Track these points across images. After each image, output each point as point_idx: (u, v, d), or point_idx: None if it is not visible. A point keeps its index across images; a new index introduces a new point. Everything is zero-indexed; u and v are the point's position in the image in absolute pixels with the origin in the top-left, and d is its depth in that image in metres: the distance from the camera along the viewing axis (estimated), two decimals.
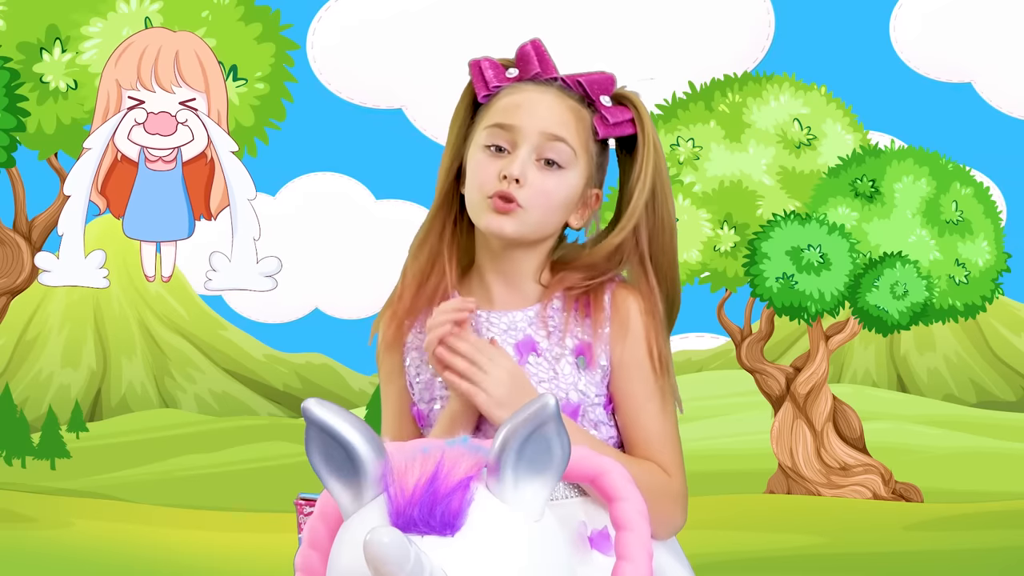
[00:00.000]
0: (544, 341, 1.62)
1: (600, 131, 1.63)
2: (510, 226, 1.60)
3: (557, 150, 1.60)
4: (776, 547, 6.24)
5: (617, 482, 1.34)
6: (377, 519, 1.20)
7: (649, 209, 1.64)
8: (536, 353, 1.61)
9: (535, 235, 1.63)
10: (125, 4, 6.87)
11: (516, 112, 1.61)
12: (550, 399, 1.21)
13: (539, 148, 1.60)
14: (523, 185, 1.59)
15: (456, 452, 1.22)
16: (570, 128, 1.61)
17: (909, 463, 8.57)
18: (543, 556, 1.23)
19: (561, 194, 1.61)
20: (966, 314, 7.74)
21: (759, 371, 8.22)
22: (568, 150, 1.60)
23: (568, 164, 1.61)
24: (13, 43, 6.78)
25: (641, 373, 1.60)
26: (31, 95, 6.77)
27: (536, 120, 1.60)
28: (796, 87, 7.94)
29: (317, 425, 1.23)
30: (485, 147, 1.62)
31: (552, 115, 1.61)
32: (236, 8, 6.93)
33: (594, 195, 1.66)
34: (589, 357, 1.60)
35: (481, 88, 1.65)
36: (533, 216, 1.60)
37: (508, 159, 1.60)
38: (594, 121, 1.64)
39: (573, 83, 1.65)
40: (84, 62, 6.92)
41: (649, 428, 1.59)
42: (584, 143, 1.63)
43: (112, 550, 5.75)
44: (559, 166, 1.60)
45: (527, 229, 1.61)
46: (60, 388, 10.21)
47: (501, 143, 1.61)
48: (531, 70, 1.64)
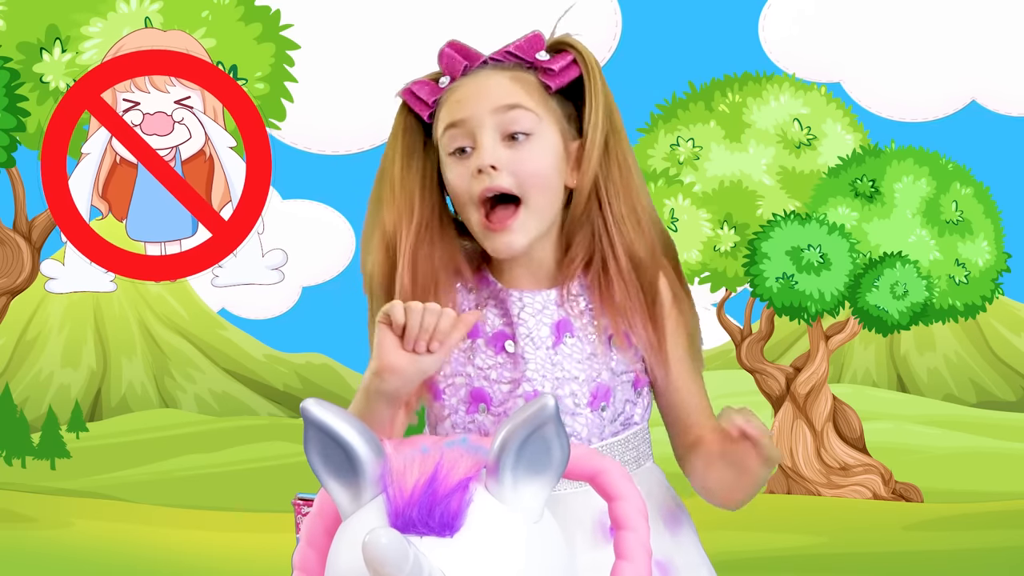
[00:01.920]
0: (577, 321, 1.55)
1: (551, 84, 1.54)
2: (517, 240, 1.52)
3: (518, 118, 1.51)
4: (776, 547, 6.24)
5: (616, 481, 1.34)
6: (376, 520, 1.20)
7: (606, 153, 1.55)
8: (571, 334, 1.55)
9: (546, 223, 1.54)
10: (125, 4, 6.87)
11: (460, 105, 1.53)
12: (549, 399, 1.21)
13: (499, 126, 1.51)
14: (500, 170, 1.50)
15: (455, 453, 1.22)
16: (520, 93, 1.52)
17: (909, 463, 8.57)
18: (542, 557, 1.23)
19: (543, 162, 1.52)
20: (966, 314, 7.74)
21: (759, 371, 8.22)
22: (529, 114, 1.51)
23: (534, 128, 1.52)
24: (13, 43, 6.78)
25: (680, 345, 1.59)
26: (31, 95, 6.77)
27: (483, 102, 1.51)
28: (796, 87, 7.94)
29: (316, 425, 1.23)
30: (450, 155, 1.54)
31: (496, 89, 1.52)
32: (236, 8, 6.93)
33: (577, 146, 1.55)
34: (620, 336, 1.55)
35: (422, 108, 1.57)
36: (535, 203, 1.52)
37: (474, 153, 1.51)
38: (540, 79, 1.55)
39: (503, 55, 1.56)
40: (84, 62, 6.92)
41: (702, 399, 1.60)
42: (541, 101, 1.53)
43: (112, 550, 5.75)
44: (526, 134, 1.51)
45: (535, 224, 1.53)
46: (60, 388, 10.22)
47: (461, 143, 1.53)
48: (458, 67, 1.55)
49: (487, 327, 1.56)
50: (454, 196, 1.55)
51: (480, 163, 1.50)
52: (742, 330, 8.38)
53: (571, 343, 1.54)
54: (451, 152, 1.53)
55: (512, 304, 1.55)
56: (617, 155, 1.56)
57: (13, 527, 6.12)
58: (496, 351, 1.55)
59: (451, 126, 1.52)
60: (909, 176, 7.59)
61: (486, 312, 1.57)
